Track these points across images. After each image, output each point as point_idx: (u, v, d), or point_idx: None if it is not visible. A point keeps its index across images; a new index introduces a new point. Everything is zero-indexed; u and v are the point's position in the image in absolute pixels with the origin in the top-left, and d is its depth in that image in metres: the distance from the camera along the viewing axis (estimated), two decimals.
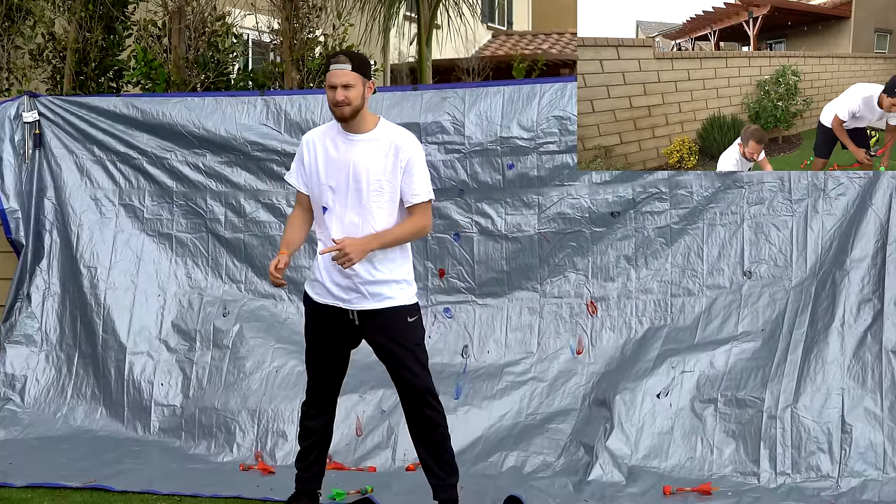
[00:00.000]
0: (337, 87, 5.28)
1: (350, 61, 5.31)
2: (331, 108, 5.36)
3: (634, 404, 6.44)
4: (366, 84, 5.34)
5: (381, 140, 5.35)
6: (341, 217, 5.35)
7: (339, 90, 5.27)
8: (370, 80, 5.39)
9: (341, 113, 5.31)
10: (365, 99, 5.34)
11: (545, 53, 19.56)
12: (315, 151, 5.44)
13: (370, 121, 5.39)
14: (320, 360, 5.55)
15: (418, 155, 5.37)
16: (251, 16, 10.54)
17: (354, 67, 5.30)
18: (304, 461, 5.65)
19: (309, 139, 5.51)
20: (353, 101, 5.28)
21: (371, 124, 5.38)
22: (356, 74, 5.29)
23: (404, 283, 5.42)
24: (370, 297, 5.36)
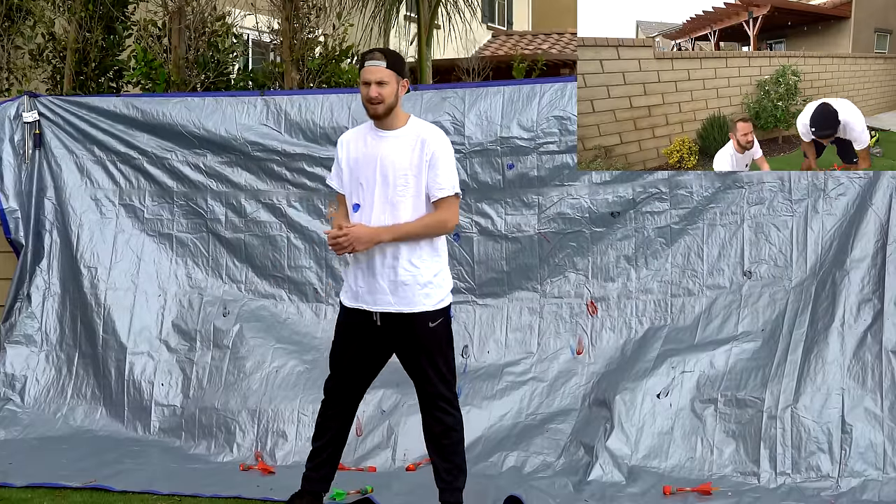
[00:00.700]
0: (371, 83, 5.26)
1: (385, 58, 5.30)
2: (364, 105, 5.34)
3: (634, 404, 6.44)
4: (399, 82, 5.33)
5: (408, 136, 5.33)
6: (370, 214, 5.31)
7: (373, 87, 5.26)
8: (405, 78, 5.37)
9: (374, 111, 5.30)
10: (398, 97, 5.32)
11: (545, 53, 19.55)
12: (348, 150, 5.43)
13: (401, 118, 5.38)
14: (342, 360, 5.50)
15: (444, 149, 5.33)
16: (251, 16, 10.54)
17: (389, 64, 5.29)
18: (314, 460, 5.60)
19: (343, 140, 5.50)
20: (386, 98, 5.27)
21: (402, 121, 5.38)
22: (390, 72, 5.29)
23: (430, 287, 5.32)
24: (393, 300, 5.31)
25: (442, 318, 5.35)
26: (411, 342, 5.34)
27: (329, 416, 5.57)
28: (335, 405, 5.55)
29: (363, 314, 5.36)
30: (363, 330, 5.39)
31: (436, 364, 5.35)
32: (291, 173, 7.54)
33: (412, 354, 5.37)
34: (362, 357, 5.47)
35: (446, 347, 5.40)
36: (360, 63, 5.38)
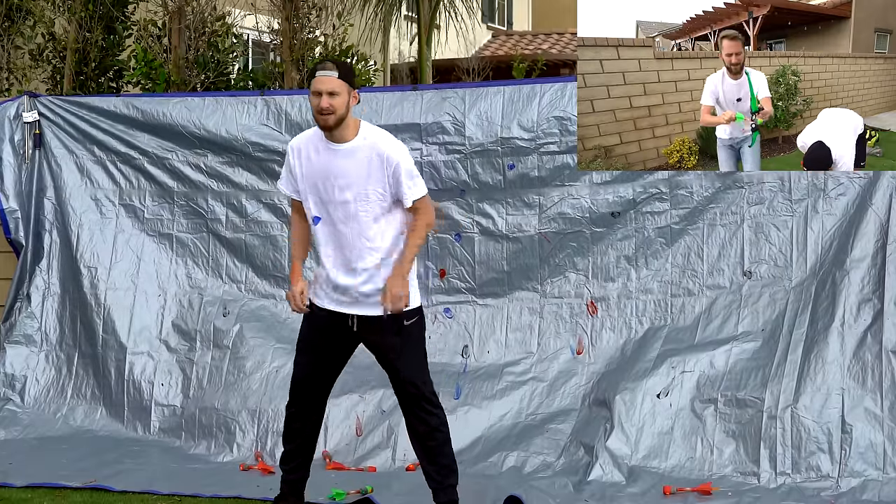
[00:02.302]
0: (322, 93, 5.22)
1: (337, 69, 5.27)
2: (314, 116, 5.31)
3: (634, 404, 6.44)
4: (351, 93, 5.28)
5: (363, 149, 5.30)
6: (332, 228, 5.35)
7: (324, 97, 5.21)
8: (355, 89, 5.33)
9: (325, 121, 5.26)
10: (349, 108, 5.28)
11: (545, 53, 19.56)
12: (299, 158, 5.42)
13: (352, 129, 5.33)
14: (310, 357, 5.52)
15: (404, 156, 5.33)
16: (251, 16, 10.54)
17: (341, 75, 5.25)
18: (290, 462, 5.63)
19: (294, 146, 5.47)
20: (337, 109, 5.22)
21: (353, 132, 5.33)
22: (342, 82, 5.24)
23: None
24: (370, 304, 5.35)
25: (416, 315, 5.40)
26: (386, 342, 5.38)
27: (295, 417, 5.57)
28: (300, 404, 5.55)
29: (336, 315, 5.40)
30: (334, 329, 5.43)
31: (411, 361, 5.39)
32: None
33: (388, 354, 5.41)
34: (330, 355, 5.51)
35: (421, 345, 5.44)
36: (311, 73, 5.34)
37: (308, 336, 5.53)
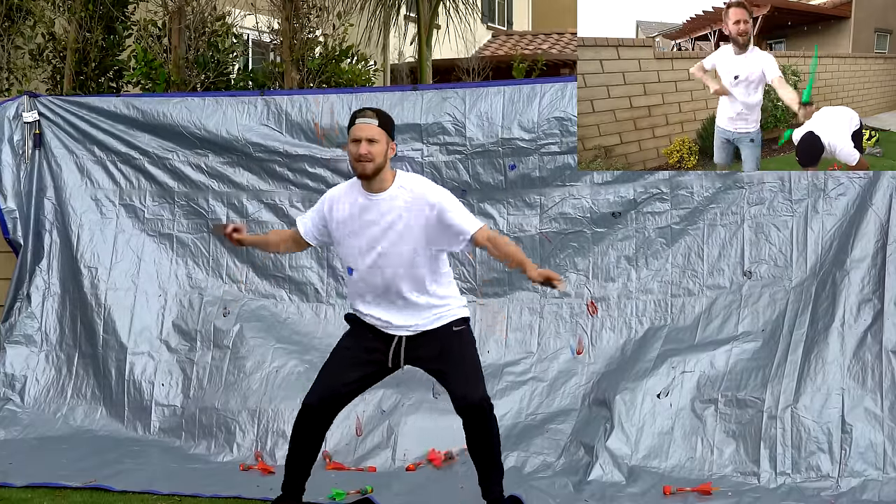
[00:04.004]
0: (361, 140, 5.18)
1: (377, 117, 5.24)
2: (351, 164, 5.26)
3: (634, 404, 6.44)
4: (389, 143, 5.25)
5: (400, 196, 5.25)
6: (371, 277, 5.29)
7: (363, 144, 5.17)
8: (394, 139, 5.31)
9: (363, 169, 5.19)
10: (387, 158, 5.23)
11: (545, 53, 19.55)
12: (338, 211, 5.36)
13: (389, 178, 5.27)
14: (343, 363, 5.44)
15: (447, 198, 5.28)
16: (251, 16, 10.55)
17: (380, 123, 5.22)
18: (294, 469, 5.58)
19: (332, 197, 5.41)
20: (375, 157, 5.17)
21: (390, 181, 5.27)
22: (381, 131, 5.21)
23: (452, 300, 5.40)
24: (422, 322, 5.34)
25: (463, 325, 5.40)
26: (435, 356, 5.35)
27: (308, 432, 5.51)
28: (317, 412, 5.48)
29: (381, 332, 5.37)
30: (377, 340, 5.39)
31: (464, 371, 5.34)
32: (293, 174, 7.54)
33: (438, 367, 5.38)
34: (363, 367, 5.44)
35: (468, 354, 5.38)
36: (351, 121, 5.31)
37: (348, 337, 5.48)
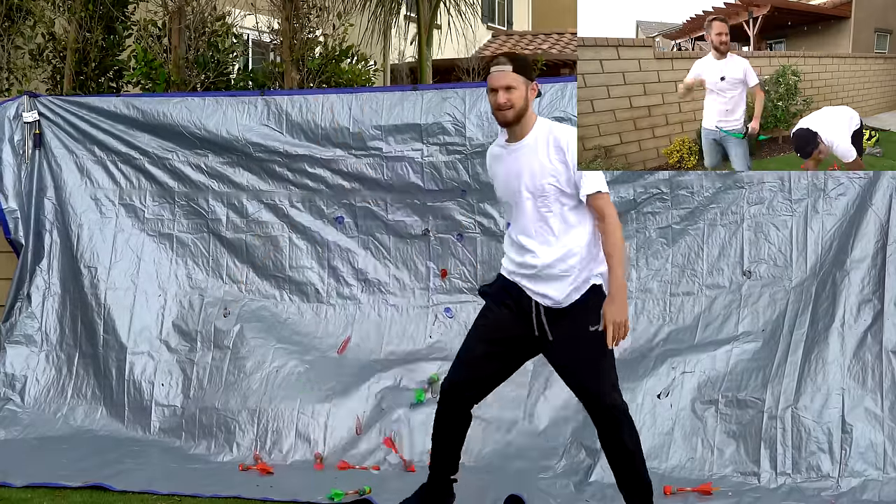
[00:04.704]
0: (498, 90, 5.09)
1: (511, 62, 5.14)
2: (493, 114, 5.17)
3: (635, 404, 6.43)
4: (528, 86, 5.14)
5: (539, 140, 5.13)
6: (522, 230, 5.18)
7: (500, 93, 5.07)
8: (533, 81, 5.19)
9: (504, 117, 5.11)
10: (529, 101, 5.13)
11: (545, 53, 19.55)
12: (492, 168, 5.32)
13: (530, 124, 5.15)
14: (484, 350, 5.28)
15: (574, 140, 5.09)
16: (251, 16, 10.55)
17: (516, 68, 5.12)
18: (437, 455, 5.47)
19: (490, 158, 5.35)
20: (515, 103, 5.08)
21: (529, 127, 5.15)
22: (517, 76, 5.11)
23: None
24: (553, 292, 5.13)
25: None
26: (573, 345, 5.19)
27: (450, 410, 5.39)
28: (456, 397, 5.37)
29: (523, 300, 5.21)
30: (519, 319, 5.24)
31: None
32: (293, 174, 7.54)
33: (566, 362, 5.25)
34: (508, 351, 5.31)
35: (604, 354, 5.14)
36: (486, 70, 5.20)
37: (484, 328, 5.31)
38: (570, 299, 5.10)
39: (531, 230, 5.13)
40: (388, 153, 7.35)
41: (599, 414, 5.11)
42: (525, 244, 5.15)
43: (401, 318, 7.26)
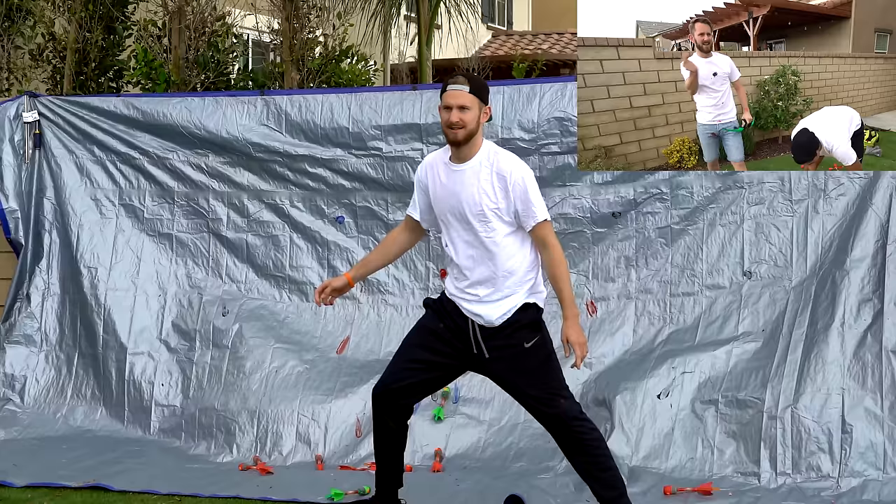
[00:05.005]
0: (453, 108, 5.11)
1: (469, 83, 5.16)
2: (444, 131, 5.19)
3: (635, 405, 6.44)
4: (482, 108, 5.18)
5: (483, 165, 5.16)
6: (458, 250, 5.23)
7: (454, 111, 5.10)
8: (487, 104, 5.22)
9: (454, 136, 5.12)
10: (480, 124, 5.16)
11: (545, 53, 19.55)
12: (428, 180, 5.32)
13: (477, 146, 5.19)
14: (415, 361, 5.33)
15: (528, 178, 5.16)
16: (251, 16, 10.55)
17: (472, 90, 5.14)
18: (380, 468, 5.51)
19: (424, 166, 5.37)
20: (468, 123, 5.10)
21: (475, 151, 5.18)
22: (473, 97, 5.13)
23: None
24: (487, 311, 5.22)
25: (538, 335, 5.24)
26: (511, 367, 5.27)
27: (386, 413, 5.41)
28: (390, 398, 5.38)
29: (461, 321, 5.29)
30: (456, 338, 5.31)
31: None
32: (294, 174, 7.54)
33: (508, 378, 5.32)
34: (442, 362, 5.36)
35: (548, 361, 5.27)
36: (443, 87, 5.22)
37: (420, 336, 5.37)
38: (503, 319, 5.18)
39: (468, 253, 5.20)
40: (388, 153, 7.35)
41: (546, 421, 5.21)
42: (462, 266, 5.22)
43: (400, 318, 7.25)
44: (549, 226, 5.20)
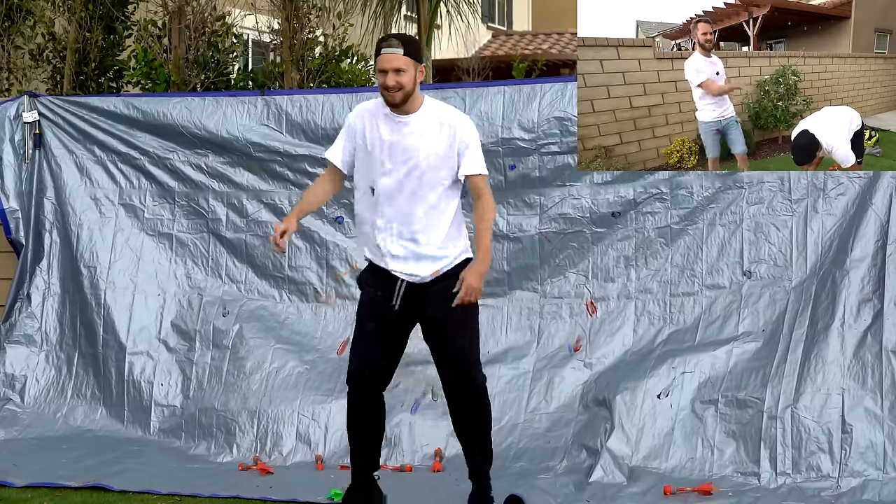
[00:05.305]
0: (388, 71, 5.16)
1: (402, 45, 5.19)
2: (381, 93, 5.24)
3: (635, 405, 6.44)
4: (417, 68, 5.22)
5: (431, 121, 5.26)
6: (392, 200, 5.28)
7: (390, 75, 5.15)
8: (422, 63, 5.27)
9: (392, 98, 5.20)
10: (416, 83, 5.22)
11: (545, 53, 19.56)
12: (365, 131, 5.34)
13: (418, 102, 5.27)
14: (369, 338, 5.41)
15: (474, 133, 5.30)
16: (251, 16, 10.54)
17: (406, 52, 5.18)
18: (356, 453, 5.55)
19: (357, 116, 5.39)
20: (405, 85, 5.17)
21: (418, 104, 5.28)
22: (408, 59, 5.18)
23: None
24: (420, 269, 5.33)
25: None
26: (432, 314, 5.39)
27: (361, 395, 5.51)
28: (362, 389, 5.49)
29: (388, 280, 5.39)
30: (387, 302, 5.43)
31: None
32: (294, 174, 7.54)
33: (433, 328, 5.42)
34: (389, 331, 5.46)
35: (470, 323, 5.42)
36: (377, 50, 5.26)
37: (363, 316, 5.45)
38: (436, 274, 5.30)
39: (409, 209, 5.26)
40: None
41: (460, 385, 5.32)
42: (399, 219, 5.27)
43: None
44: (485, 180, 5.35)
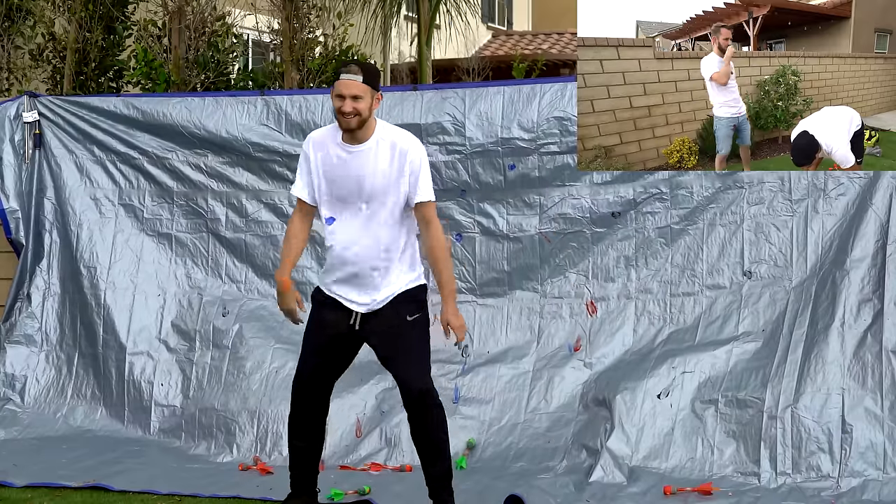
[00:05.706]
0: (346, 97, 5.20)
1: (362, 72, 5.23)
2: (336, 117, 5.28)
3: (635, 405, 6.44)
4: (374, 96, 5.26)
5: (382, 147, 5.29)
6: (348, 228, 5.34)
7: (347, 101, 5.19)
8: (379, 91, 5.31)
9: (348, 124, 5.23)
10: (372, 111, 5.27)
11: (545, 53, 19.55)
12: (318, 160, 5.38)
13: (371, 129, 5.31)
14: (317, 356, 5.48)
15: (424, 157, 5.34)
16: (251, 16, 10.55)
17: (365, 79, 5.22)
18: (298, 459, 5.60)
19: (309, 147, 5.43)
20: (361, 112, 5.20)
21: (371, 131, 5.31)
22: (366, 86, 5.21)
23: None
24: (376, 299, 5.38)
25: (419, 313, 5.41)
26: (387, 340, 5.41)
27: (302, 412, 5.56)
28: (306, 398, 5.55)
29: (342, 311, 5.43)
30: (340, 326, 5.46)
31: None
32: (293, 174, 7.49)
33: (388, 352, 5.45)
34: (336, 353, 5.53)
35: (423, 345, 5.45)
36: (335, 75, 5.30)
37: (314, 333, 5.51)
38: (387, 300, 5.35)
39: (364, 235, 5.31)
40: None
41: (412, 399, 5.31)
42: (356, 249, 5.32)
43: None
44: (434, 206, 5.37)
